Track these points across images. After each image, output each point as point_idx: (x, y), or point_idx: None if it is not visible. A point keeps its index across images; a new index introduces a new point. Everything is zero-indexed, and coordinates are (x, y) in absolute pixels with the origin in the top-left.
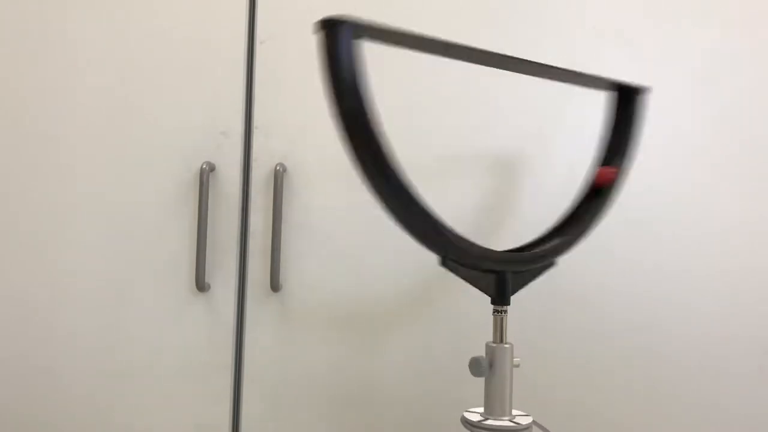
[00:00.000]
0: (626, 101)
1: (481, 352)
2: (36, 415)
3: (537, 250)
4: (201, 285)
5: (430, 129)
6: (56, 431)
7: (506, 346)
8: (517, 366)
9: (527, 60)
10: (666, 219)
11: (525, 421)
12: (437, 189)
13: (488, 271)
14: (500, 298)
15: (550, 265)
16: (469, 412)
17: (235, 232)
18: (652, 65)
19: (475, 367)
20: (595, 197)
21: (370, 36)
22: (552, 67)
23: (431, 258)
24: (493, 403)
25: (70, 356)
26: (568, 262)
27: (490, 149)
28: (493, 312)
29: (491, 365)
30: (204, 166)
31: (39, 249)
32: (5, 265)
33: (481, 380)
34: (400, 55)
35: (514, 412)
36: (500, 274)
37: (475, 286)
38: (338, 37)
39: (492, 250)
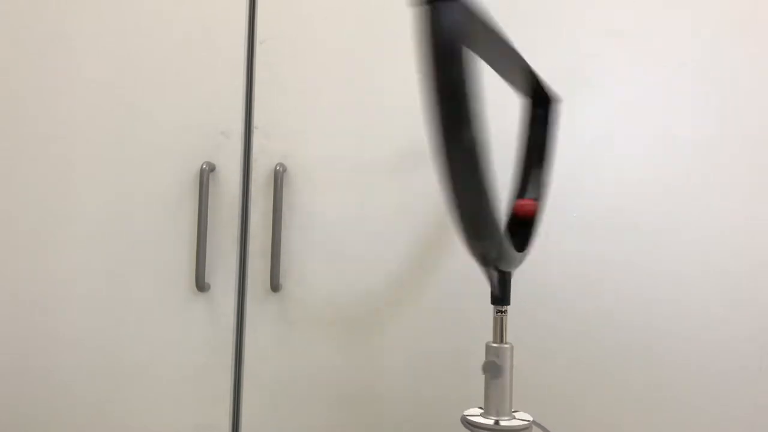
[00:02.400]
0: (542, 106)
1: (481, 352)
2: (36, 415)
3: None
4: (201, 285)
5: (424, 126)
6: (56, 431)
7: (506, 346)
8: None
9: None
10: (665, 219)
11: (525, 421)
12: (436, 188)
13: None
14: (500, 298)
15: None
16: (469, 412)
17: (235, 232)
18: (652, 65)
19: (493, 369)
20: (519, 229)
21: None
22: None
23: (431, 258)
24: (493, 403)
25: (70, 356)
26: (568, 262)
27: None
28: (494, 312)
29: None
30: (204, 166)
31: (39, 249)
32: (5, 265)
33: (481, 380)
34: (397, 54)
35: (514, 412)
36: (502, 274)
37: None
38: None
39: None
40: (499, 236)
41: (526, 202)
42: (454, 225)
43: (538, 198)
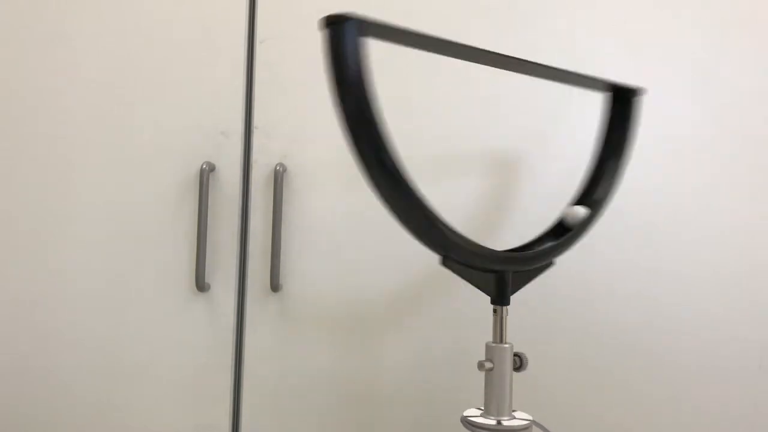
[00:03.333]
0: (622, 102)
1: (481, 352)
2: (36, 415)
3: (536, 249)
4: (201, 285)
5: (429, 128)
6: (56, 431)
7: (506, 346)
8: (491, 369)
9: (526, 60)
10: (665, 219)
11: (525, 421)
12: (437, 188)
13: (488, 270)
14: (500, 298)
15: (549, 264)
16: (469, 412)
17: (235, 232)
18: (652, 65)
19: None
20: (563, 233)
21: (375, 33)
22: (550, 67)
23: (431, 258)
24: (493, 403)
25: (70, 356)
26: (568, 262)
27: (490, 149)
28: (493, 312)
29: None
30: (204, 166)
31: (39, 249)
32: (5, 265)
33: (481, 380)
34: (400, 54)
35: (514, 412)
36: (500, 273)
37: (476, 285)
38: (343, 34)
39: (492, 250)
40: (437, 232)
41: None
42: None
43: (602, 201)
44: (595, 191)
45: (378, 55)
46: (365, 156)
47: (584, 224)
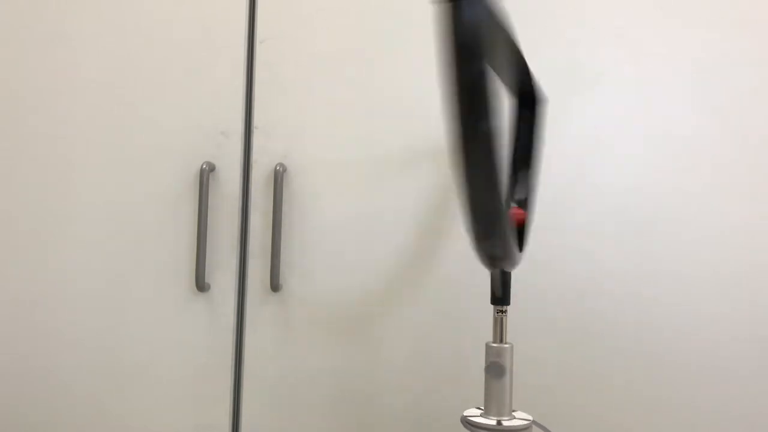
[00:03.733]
0: (528, 108)
1: (482, 353)
2: (36, 415)
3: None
4: (201, 285)
5: (424, 126)
6: (56, 431)
7: (506, 346)
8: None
9: None
10: (665, 219)
11: (525, 421)
12: (436, 188)
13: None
14: (500, 298)
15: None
16: (469, 412)
17: (235, 232)
18: (652, 65)
19: (497, 370)
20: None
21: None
22: None
23: (431, 258)
24: (493, 403)
25: (70, 356)
26: (567, 262)
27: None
28: (494, 312)
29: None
30: (204, 166)
31: (39, 249)
32: (5, 265)
33: (481, 380)
34: (397, 54)
35: (514, 412)
36: (503, 274)
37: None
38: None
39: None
40: (509, 236)
41: (516, 212)
42: (465, 223)
43: (526, 203)
44: (513, 198)
45: (376, 54)
46: (473, 137)
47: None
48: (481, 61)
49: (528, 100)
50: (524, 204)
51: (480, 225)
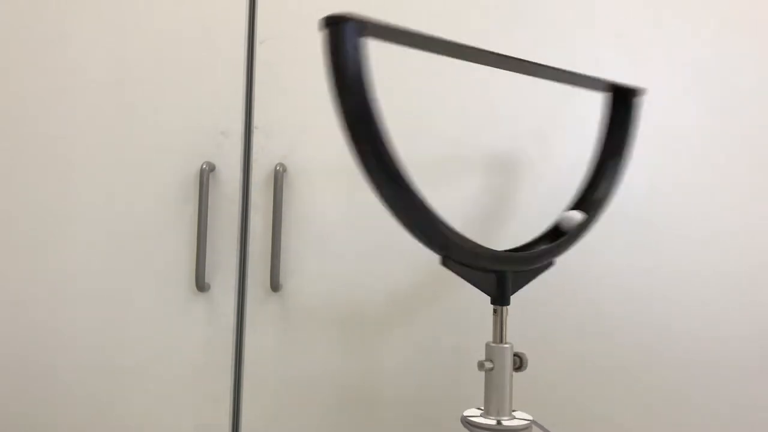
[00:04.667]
0: (622, 102)
1: (482, 352)
2: (36, 416)
3: (536, 249)
4: (201, 285)
5: (429, 128)
6: (56, 431)
7: (506, 346)
8: (491, 369)
9: (526, 60)
10: (665, 219)
11: (525, 421)
12: (436, 188)
13: (488, 270)
14: (500, 298)
15: (549, 265)
16: (469, 412)
17: (235, 232)
18: (652, 65)
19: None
20: (559, 236)
21: (375, 34)
22: (550, 67)
23: (431, 258)
24: (493, 403)
25: (70, 356)
26: (567, 261)
27: (490, 149)
28: (493, 312)
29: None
30: (204, 166)
31: (39, 249)
32: (5, 265)
33: (482, 380)
34: (399, 55)
35: (514, 412)
36: (500, 273)
37: (476, 285)
38: (343, 34)
39: (492, 250)
40: (437, 232)
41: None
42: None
43: (605, 198)
44: (594, 192)
45: (377, 55)
46: (365, 156)
47: (581, 228)
48: (362, 86)
49: (623, 94)
50: (603, 200)
51: (404, 224)
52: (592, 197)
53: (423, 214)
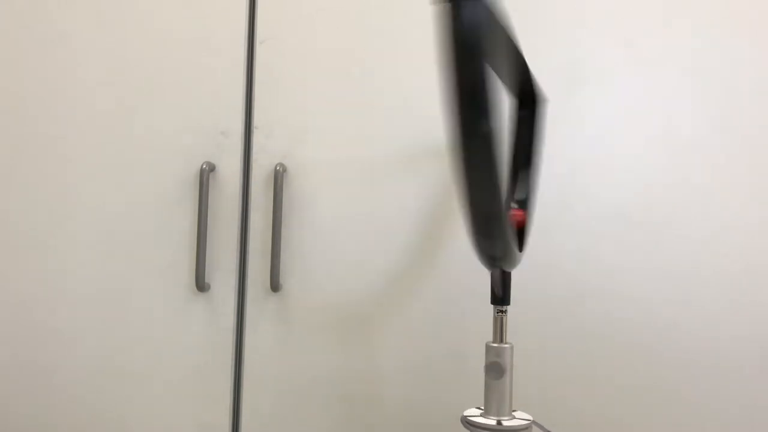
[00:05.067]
0: (528, 109)
1: (482, 353)
2: (36, 416)
3: None
4: (201, 285)
5: (425, 127)
6: (56, 431)
7: (506, 346)
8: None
9: None
10: (665, 219)
11: (525, 421)
12: (437, 188)
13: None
14: (500, 298)
15: None
16: (469, 412)
17: (235, 232)
18: (652, 65)
19: (496, 370)
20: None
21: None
22: None
23: (431, 258)
24: (493, 403)
25: (70, 356)
26: (567, 262)
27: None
28: (493, 312)
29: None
30: (204, 166)
31: (39, 249)
32: (5, 265)
33: (481, 380)
34: (398, 55)
35: (514, 412)
36: (503, 273)
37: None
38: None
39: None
40: (508, 235)
41: (516, 212)
42: (465, 223)
43: (526, 203)
44: (513, 198)
45: (376, 53)
46: (472, 127)
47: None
48: (481, 61)
49: (528, 99)
50: (524, 204)
51: (480, 225)
52: (514, 199)
53: (501, 216)
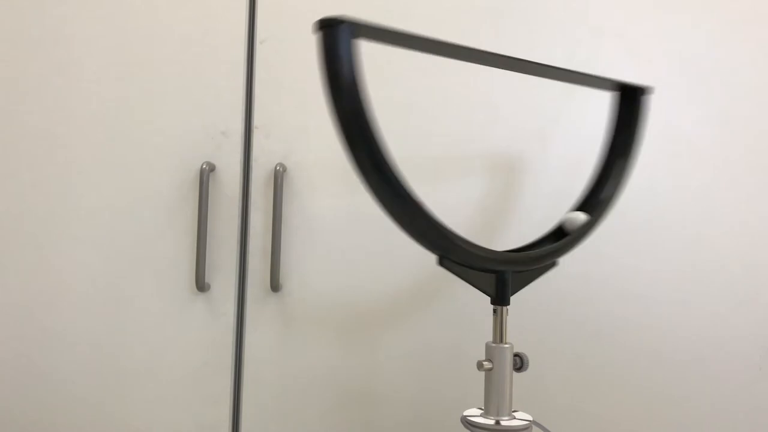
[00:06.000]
0: (629, 101)
1: (482, 352)
2: (35, 416)
3: (535, 251)
4: (201, 285)
5: (429, 129)
6: (56, 431)
7: (506, 346)
8: (490, 369)
9: (528, 60)
10: (666, 219)
11: (525, 420)
12: (437, 189)
13: (488, 271)
14: (500, 298)
15: (552, 265)
16: (469, 412)
17: (235, 232)
18: (652, 65)
19: (517, 364)
20: (562, 237)
21: (369, 36)
22: (553, 67)
23: (431, 258)
24: (493, 403)
25: (70, 356)
26: (568, 261)
27: (490, 149)
28: (493, 312)
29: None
30: (204, 166)
31: (39, 249)
32: (5, 265)
33: (481, 380)
34: (399, 55)
35: (514, 412)
36: (500, 274)
37: (474, 285)
38: (337, 37)
39: (491, 250)
40: (434, 232)
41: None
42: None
43: (610, 198)
44: (600, 193)
45: (377, 56)
46: (360, 158)
47: (584, 229)
48: (356, 91)
49: (630, 93)
50: (607, 203)
51: (400, 225)
52: (598, 198)
53: (419, 215)
